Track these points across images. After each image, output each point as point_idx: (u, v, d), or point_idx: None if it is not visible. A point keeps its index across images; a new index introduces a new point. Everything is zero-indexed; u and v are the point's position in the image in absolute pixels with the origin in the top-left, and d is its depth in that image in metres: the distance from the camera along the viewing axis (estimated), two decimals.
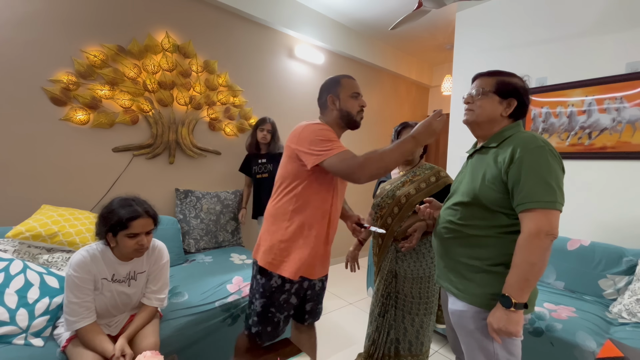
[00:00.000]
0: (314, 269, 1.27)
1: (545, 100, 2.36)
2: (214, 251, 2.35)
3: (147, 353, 1.02)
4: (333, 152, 1.13)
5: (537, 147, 0.90)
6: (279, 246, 1.21)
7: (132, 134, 2.22)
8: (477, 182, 0.99)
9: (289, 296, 1.26)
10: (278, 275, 1.22)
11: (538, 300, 1.79)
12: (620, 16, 2.06)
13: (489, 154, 1.01)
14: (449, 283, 1.08)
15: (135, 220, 1.18)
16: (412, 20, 2.11)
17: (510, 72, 1.06)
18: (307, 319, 1.44)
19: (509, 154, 0.92)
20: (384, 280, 1.58)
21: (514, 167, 0.90)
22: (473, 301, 0.98)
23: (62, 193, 1.96)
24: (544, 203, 0.86)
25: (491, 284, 0.95)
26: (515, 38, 2.54)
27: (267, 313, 1.24)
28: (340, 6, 3.02)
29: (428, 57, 4.30)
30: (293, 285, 1.25)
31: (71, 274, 1.16)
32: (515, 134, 0.98)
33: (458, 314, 1.03)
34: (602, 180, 2.14)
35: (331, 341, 2.13)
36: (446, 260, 1.09)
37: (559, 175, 0.90)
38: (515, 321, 0.87)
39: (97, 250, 1.22)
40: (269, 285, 1.23)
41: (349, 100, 1.28)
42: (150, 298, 1.35)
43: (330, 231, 1.29)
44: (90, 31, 2.00)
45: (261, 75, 2.89)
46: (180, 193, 2.38)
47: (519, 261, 0.87)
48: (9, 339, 1.20)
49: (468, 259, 1.01)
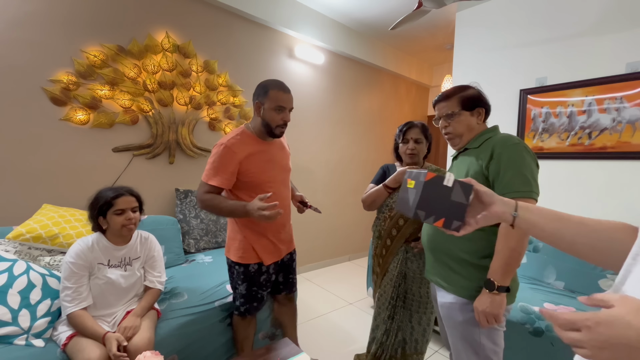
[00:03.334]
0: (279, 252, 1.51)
1: (545, 100, 2.37)
2: (214, 251, 2.35)
3: (147, 353, 1.02)
4: (203, 177, 1.34)
5: (513, 144, 1.00)
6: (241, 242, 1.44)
7: (132, 134, 2.22)
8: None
9: (268, 275, 1.51)
10: (255, 263, 1.45)
11: (538, 300, 1.80)
12: (620, 16, 2.06)
13: (471, 155, 1.10)
14: (439, 277, 1.13)
15: (120, 198, 1.33)
16: (412, 20, 2.11)
17: (461, 86, 1.15)
18: (282, 290, 1.64)
19: (490, 151, 1.02)
20: (393, 283, 1.57)
21: (494, 163, 1.00)
22: (462, 293, 1.04)
23: (62, 193, 1.96)
24: (521, 192, 0.94)
25: (479, 277, 1.02)
26: (516, 38, 2.54)
27: (251, 292, 1.48)
28: (340, 6, 3.02)
29: (428, 57, 4.30)
30: (269, 266, 1.49)
31: (67, 260, 1.27)
32: (493, 135, 1.09)
33: (447, 306, 1.09)
34: (602, 180, 2.14)
35: (331, 341, 2.14)
36: (436, 254, 1.14)
37: (533, 169, 0.99)
38: (498, 304, 0.95)
39: (92, 239, 1.34)
40: (248, 271, 1.46)
41: (272, 113, 1.33)
42: (153, 281, 1.48)
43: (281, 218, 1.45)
44: (90, 31, 2.00)
45: (261, 75, 2.89)
46: (180, 193, 2.39)
47: (500, 247, 0.96)
48: (10, 340, 1.20)
49: (457, 253, 1.07)
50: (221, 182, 1.31)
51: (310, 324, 2.33)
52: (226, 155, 1.30)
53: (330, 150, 3.59)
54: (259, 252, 1.45)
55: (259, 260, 1.46)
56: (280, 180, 1.47)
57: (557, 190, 2.34)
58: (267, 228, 1.44)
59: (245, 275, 1.46)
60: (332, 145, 3.60)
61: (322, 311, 2.54)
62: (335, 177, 3.69)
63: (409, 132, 1.53)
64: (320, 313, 2.51)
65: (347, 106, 3.72)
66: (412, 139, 1.51)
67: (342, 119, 3.69)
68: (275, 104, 1.32)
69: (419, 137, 1.51)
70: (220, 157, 1.31)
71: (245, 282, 1.47)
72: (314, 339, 2.13)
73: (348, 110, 3.74)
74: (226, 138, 1.35)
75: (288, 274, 1.64)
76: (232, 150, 1.31)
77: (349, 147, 3.80)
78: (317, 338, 2.16)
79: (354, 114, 3.82)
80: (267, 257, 1.47)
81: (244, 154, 1.33)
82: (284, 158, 1.51)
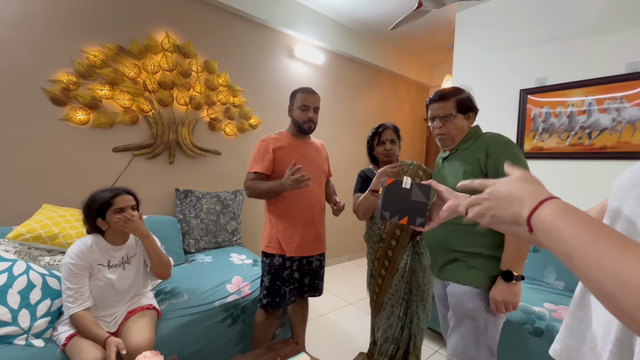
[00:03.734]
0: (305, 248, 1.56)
1: (545, 100, 2.37)
2: (214, 251, 2.35)
3: (147, 353, 1.02)
4: (248, 169, 1.55)
5: (505, 142, 1.08)
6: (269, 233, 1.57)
7: (132, 134, 2.22)
8: (459, 177, 1.11)
9: (291, 272, 1.56)
10: (279, 255, 1.54)
11: (538, 300, 1.80)
12: (620, 16, 2.06)
13: (464, 154, 1.15)
14: (453, 274, 1.15)
15: (118, 197, 1.34)
16: (412, 20, 2.11)
17: (456, 88, 1.18)
18: (307, 292, 1.68)
19: (484, 150, 1.09)
20: (404, 280, 1.58)
21: (491, 160, 1.07)
22: (477, 284, 1.08)
23: (62, 193, 1.96)
24: None
25: (493, 267, 1.07)
26: (516, 38, 2.55)
27: (274, 286, 1.54)
28: (340, 6, 3.02)
29: (428, 57, 4.30)
30: (293, 263, 1.56)
31: (68, 261, 1.26)
32: (481, 134, 1.16)
33: (459, 294, 1.12)
34: (602, 180, 2.14)
35: (331, 341, 2.14)
36: (448, 254, 1.16)
37: (525, 163, 1.07)
38: (516, 292, 1.02)
39: (91, 240, 1.33)
40: (273, 263, 1.54)
41: (298, 111, 1.56)
42: None
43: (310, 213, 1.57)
44: (90, 31, 2.00)
45: (261, 75, 2.89)
46: (180, 193, 2.39)
47: (510, 239, 1.02)
48: (10, 340, 1.20)
49: (470, 248, 1.10)
50: (260, 168, 1.52)
51: (310, 324, 2.33)
52: (262, 146, 1.55)
53: (331, 150, 3.57)
54: (283, 243, 1.53)
55: (282, 252, 1.53)
56: (313, 176, 1.53)
57: (557, 190, 2.34)
58: (295, 220, 1.54)
59: (270, 267, 1.55)
60: (333, 145, 3.60)
61: (322, 311, 2.54)
62: (336, 177, 3.68)
63: (384, 134, 1.61)
64: (320, 313, 2.51)
65: (347, 106, 3.72)
66: (388, 140, 1.60)
67: (342, 119, 3.69)
68: (300, 104, 1.54)
69: (393, 137, 1.61)
70: (258, 149, 1.55)
71: (269, 274, 1.55)
72: (314, 339, 2.13)
73: (348, 110, 3.74)
74: (266, 135, 1.60)
75: (314, 279, 1.67)
76: (266, 142, 1.55)
77: (349, 147, 3.80)
78: (317, 338, 2.15)
79: (354, 114, 3.82)
80: (290, 249, 1.53)
81: (277, 145, 1.54)
82: (318, 158, 1.66)
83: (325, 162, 1.71)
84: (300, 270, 1.60)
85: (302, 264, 1.60)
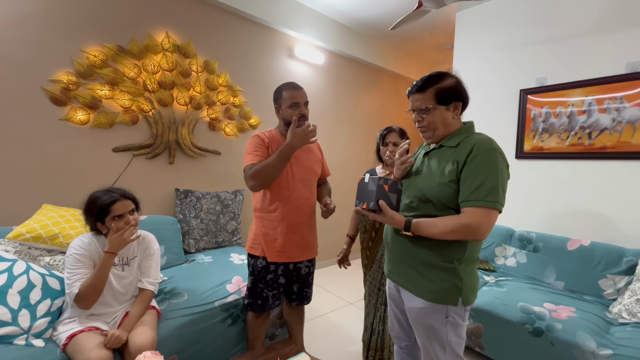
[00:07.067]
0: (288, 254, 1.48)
1: (545, 100, 2.37)
2: (214, 251, 2.35)
3: (147, 353, 1.01)
4: (244, 164, 1.44)
5: (491, 149, 0.97)
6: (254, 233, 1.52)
7: (132, 134, 2.22)
8: (435, 180, 1.04)
9: (276, 277, 1.51)
10: (262, 258, 1.49)
11: (538, 300, 1.80)
12: (620, 16, 2.06)
13: (447, 154, 1.04)
14: (405, 279, 1.11)
15: (115, 204, 1.30)
16: (412, 20, 2.11)
17: (439, 73, 1.07)
18: (295, 300, 1.63)
19: (467, 153, 0.98)
20: (380, 269, 1.65)
21: (468, 165, 0.97)
22: (430, 298, 1.04)
23: (62, 193, 1.96)
24: (487, 202, 0.92)
25: (445, 279, 1.02)
26: (515, 38, 2.54)
27: (255, 288, 1.51)
28: (340, 6, 3.02)
29: (428, 57, 4.29)
30: (278, 267, 1.50)
31: (72, 252, 1.27)
32: (471, 135, 1.04)
33: (416, 311, 1.08)
34: (601, 180, 2.15)
35: (331, 341, 2.14)
36: (403, 256, 1.11)
37: (505, 179, 0.97)
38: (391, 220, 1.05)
39: (93, 237, 1.34)
40: (256, 265, 1.51)
41: (288, 111, 1.45)
42: (142, 281, 1.43)
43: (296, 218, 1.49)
44: (90, 31, 2.00)
45: (261, 75, 2.89)
46: (180, 193, 2.39)
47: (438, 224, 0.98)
48: (10, 340, 1.20)
49: (424, 256, 1.05)
50: (258, 159, 1.42)
51: (310, 324, 2.33)
52: (257, 140, 1.47)
53: (330, 150, 3.59)
54: (265, 247, 1.48)
55: (264, 254, 1.48)
56: (300, 179, 1.50)
57: (557, 190, 2.35)
58: (278, 225, 1.46)
59: (254, 268, 1.52)
60: (332, 145, 3.60)
61: (322, 311, 2.54)
62: (335, 177, 3.68)
63: (387, 136, 1.69)
64: (320, 313, 2.51)
65: (347, 106, 3.72)
66: (391, 143, 1.67)
67: (342, 119, 3.69)
68: (289, 102, 1.44)
69: (397, 140, 1.66)
70: (252, 143, 1.48)
71: (252, 275, 1.54)
72: (314, 339, 2.13)
73: (348, 110, 3.74)
74: (257, 132, 1.54)
75: (303, 287, 1.61)
76: (260, 137, 1.48)
77: (349, 147, 3.80)
78: (317, 338, 2.15)
79: (354, 114, 3.82)
80: (271, 254, 1.46)
81: (269, 141, 1.48)
82: (309, 160, 1.56)
83: (317, 163, 1.61)
84: (286, 275, 1.54)
85: (289, 270, 1.54)
